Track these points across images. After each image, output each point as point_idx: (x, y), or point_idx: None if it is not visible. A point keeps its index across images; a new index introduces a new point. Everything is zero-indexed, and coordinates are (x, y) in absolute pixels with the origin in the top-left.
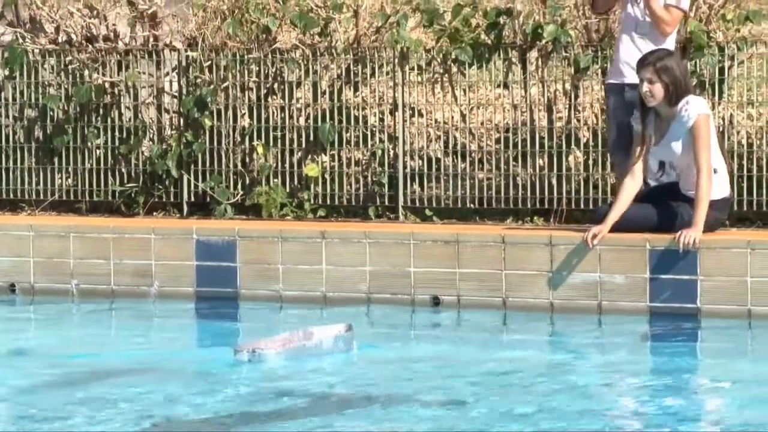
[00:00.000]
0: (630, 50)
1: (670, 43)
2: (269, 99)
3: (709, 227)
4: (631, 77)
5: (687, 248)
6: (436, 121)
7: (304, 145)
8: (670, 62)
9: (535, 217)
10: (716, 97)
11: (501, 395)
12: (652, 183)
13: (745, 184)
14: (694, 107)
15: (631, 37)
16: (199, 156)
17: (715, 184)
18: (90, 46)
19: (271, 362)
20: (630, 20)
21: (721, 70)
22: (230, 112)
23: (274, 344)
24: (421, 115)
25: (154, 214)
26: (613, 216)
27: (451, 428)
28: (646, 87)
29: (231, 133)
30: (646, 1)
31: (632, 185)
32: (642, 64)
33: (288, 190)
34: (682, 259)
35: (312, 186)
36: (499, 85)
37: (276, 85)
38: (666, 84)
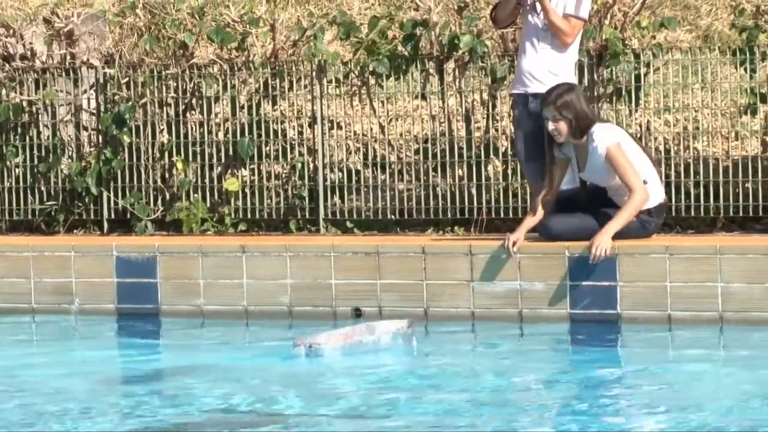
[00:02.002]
0: (532, 60)
1: (572, 52)
2: (188, 114)
3: (649, 233)
4: (534, 87)
5: (598, 259)
6: (355, 133)
7: (223, 160)
8: (570, 97)
9: (456, 227)
10: (633, 104)
11: (421, 404)
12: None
13: None
14: (601, 140)
15: (534, 46)
16: (119, 173)
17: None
18: (7, 65)
19: (327, 357)
20: (531, 30)
21: (637, 77)
22: (149, 129)
23: (332, 339)
24: (339, 127)
25: (75, 231)
26: (528, 224)
27: None
28: (551, 125)
29: (150, 149)
30: (545, 12)
31: (548, 199)
32: (543, 103)
33: (208, 205)
34: (602, 265)
35: (232, 200)
36: (416, 97)
37: (194, 101)
38: (569, 120)
